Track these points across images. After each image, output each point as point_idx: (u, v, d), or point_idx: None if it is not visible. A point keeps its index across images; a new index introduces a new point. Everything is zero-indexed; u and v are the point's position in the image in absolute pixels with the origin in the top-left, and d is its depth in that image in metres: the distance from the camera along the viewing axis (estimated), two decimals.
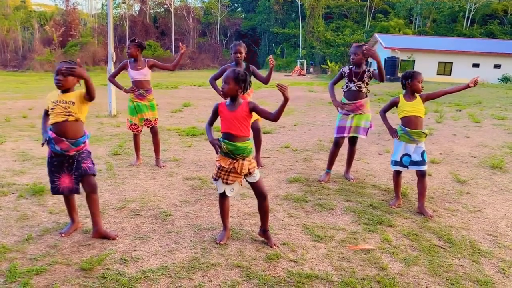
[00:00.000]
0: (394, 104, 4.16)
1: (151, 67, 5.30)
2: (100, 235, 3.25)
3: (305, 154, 6.41)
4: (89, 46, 45.82)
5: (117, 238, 3.25)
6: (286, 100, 2.84)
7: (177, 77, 27.70)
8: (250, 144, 3.08)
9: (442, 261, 3.07)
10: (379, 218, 3.85)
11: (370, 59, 4.76)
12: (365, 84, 4.69)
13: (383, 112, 4.28)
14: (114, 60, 10.55)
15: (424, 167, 4.02)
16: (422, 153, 4.02)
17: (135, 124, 5.31)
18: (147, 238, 3.29)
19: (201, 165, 5.57)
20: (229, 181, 3.09)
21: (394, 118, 4.65)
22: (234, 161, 3.03)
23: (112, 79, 5.51)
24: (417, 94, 4.07)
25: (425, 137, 4.06)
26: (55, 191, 3.21)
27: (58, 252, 3.02)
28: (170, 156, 6.00)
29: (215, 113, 3.12)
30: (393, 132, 4.14)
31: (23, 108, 11.08)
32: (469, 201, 4.46)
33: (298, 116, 10.81)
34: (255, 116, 5.01)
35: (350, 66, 4.75)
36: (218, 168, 3.10)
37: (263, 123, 9.23)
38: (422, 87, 4.01)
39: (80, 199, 3.70)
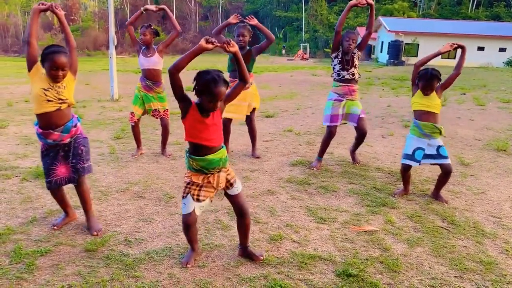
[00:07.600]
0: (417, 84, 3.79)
1: (161, 52, 4.96)
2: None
3: (308, 138, 6.39)
4: (90, 31, 45.53)
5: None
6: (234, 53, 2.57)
7: None
8: (225, 151, 2.54)
9: (446, 242, 3.06)
10: (382, 200, 3.84)
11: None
12: (357, 69, 4.62)
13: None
14: (115, 43, 10.45)
15: (447, 161, 3.74)
16: (438, 148, 3.74)
17: (132, 112, 5.05)
18: (150, 220, 3.30)
19: None
20: (201, 198, 2.51)
21: (399, 105, 4.58)
22: (208, 175, 2.51)
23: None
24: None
25: (440, 134, 3.75)
26: (52, 184, 2.95)
27: (62, 233, 3.04)
28: (173, 140, 5.98)
29: (184, 102, 2.52)
30: None
31: (25, 93, 11.03)
32: (473, 183, 4.44)
33: (301, 100, 10.75)
34: (248, 109, 4.96)
35: (340, 54, 4.57)
36: (188, 184, 2.53)
37: (266, 107, 9.19)
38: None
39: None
